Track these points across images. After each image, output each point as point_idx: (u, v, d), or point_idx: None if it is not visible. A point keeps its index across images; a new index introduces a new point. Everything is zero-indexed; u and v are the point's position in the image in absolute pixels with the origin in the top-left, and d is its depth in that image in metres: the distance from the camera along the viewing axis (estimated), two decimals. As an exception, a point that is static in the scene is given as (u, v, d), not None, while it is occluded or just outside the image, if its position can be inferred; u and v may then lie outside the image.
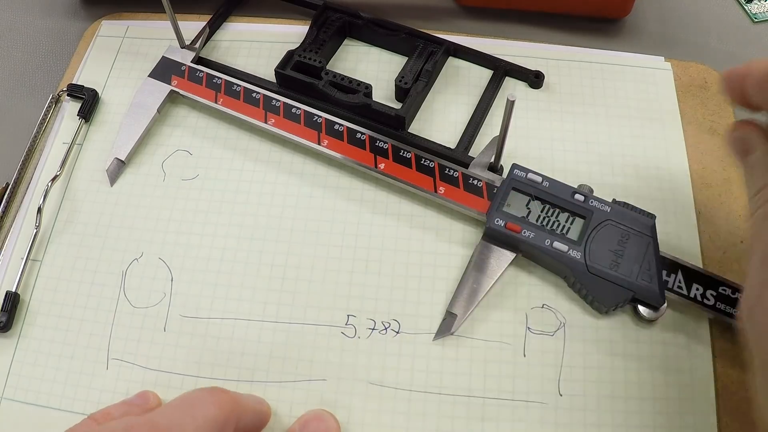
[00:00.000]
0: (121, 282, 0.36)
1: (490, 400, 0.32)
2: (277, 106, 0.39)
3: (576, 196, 0.34)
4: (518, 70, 0.42)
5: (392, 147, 0.37)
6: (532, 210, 0.34)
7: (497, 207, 0.34)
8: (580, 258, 0.33)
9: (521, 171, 0.35)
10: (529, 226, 0.34)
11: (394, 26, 0.43)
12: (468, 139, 0.39)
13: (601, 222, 0.34)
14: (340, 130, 0.38)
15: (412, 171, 0.36)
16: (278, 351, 0.34)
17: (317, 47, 0.41)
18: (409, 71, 0.40)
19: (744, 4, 0.47)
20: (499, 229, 0.34)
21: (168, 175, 0.39)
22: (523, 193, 0.35)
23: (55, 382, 0.33)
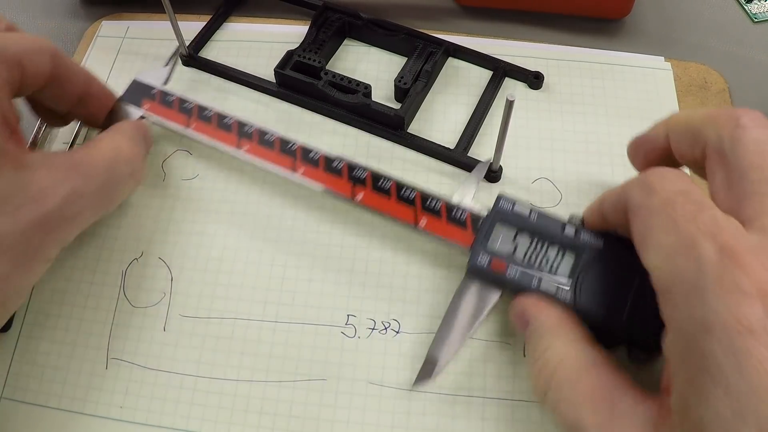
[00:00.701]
0: (121, 282, 0.36)
1: (490, 400, 0.32)
2: (250, 132, 0.37)
3: (566, 230, 0.32)
4: (518, 70, 0.42)
5: (371, 176, 0.35)
6: (519, 245, 0.32)
7: (481, 243, 0.32)
8: (569, 299, 0.30)
9: (507, 203, 0.33)
10: (515, 264, 0.31)
11: (393, 26, 0.43)
12: (467, 140, 0.39)
13: (593, 258, 0.31)
14: (315, 158, 0.36)
15: (392, 201, 0.34)
16: (278, 351, 0.34)
17: (317, 47, 0.42)
18: (408, 71, 0.40)
19: (744, 4, 0.47)
20: (482, 269, 0.31)
21: (168, 175, 0.39)
22: (509, 226, 0.32)
23: (55, 381, 0.33)
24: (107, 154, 0.32)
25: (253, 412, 0.32)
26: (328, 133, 0.40)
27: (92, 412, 0.33)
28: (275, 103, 0.42)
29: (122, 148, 0.33)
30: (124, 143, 0.34)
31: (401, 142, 0.39)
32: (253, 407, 0.32)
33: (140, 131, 0.36)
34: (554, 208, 0.37)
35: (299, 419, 0.32)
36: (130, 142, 0.34)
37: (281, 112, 0.41)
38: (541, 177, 0.39)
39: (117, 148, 0.33)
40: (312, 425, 0.32)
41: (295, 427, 0.32)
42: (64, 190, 0.29)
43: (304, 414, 0.32)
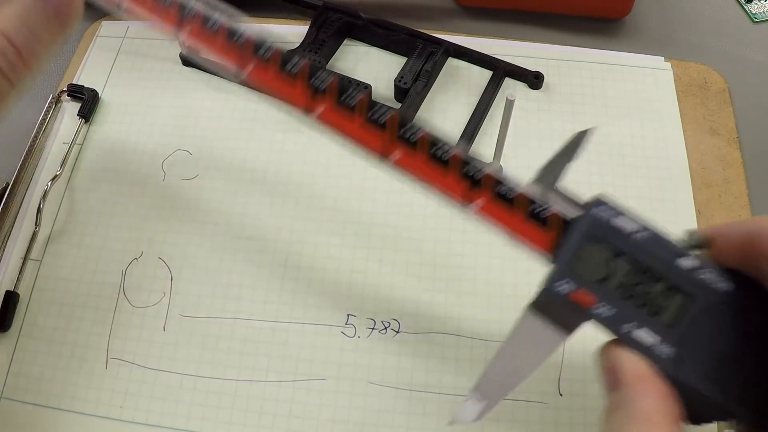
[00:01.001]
0: (120, 282, 0.36)
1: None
2: (192, 14, 0.29)
3: (681, 261, 0.23)
4: (518, 71, 0.42)
5: (426, 136, 0.25)
6: (612, 273, 0.23)
7: (562, 263, 0.23)
8: (668, 358, 0.22)
9: (607, 211, 0.23)
10: (605, 299, 0.23)
11: (393, 26, 0.43)
12: (467, 140, 0.39)
13: (712, 306, 0.22)
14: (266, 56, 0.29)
15: (447, 175, 0.25)
16: (278, 351, 0.34)
17: (317, 47, 0.42)
18: (408, 71, 0.41)
19: (744, 4, 0.47)
20: (561, 298, 0.23)
21: (168, 174, 0.39)
22: (603, 246, 0.23)
23: (55, 381, 0.33)
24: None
25: (253, 412, 0.32)
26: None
27: (92, 412, 0.33)
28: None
29: None
30: None
31: None
32: (253, 407, 0.32)
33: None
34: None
35: (299, 419, 0.32)
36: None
37: (282, 112, 0.41)
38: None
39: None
40: (312, 425, 0.32)
41: (295, 427, 0.32)
42: None
43: (304, 414, 0.32)
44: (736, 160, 0.39)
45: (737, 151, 0.40)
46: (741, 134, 0.40)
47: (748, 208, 0.38)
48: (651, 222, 0.24)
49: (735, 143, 0.40)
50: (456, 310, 0.35)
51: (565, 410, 0.32)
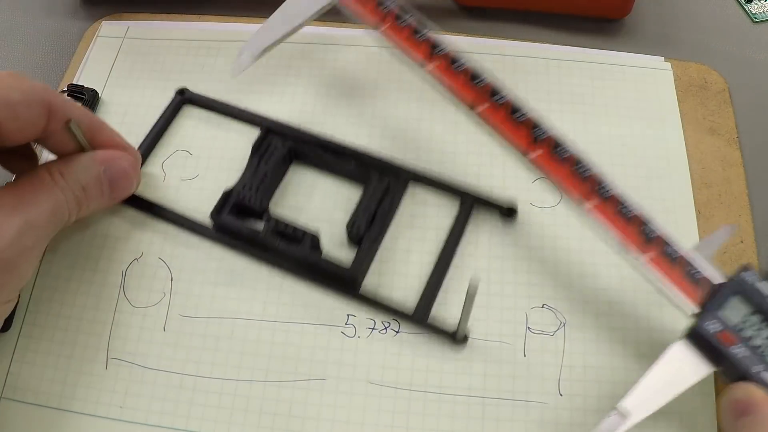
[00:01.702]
0: (121, 282, 0.36)
1: (490, 400, 0.32)
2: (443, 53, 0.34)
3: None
4: (488, 202, 0.37)
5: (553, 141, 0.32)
6: (750, 325, 0.29)
7: (713, 309, 0.29)
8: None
9: (751, 276, 0.30)
10: (742, 343, 0.28)
11: (343, 151, 0.38)
12: (429, 297, 0.34)
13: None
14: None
15: (626, 226, 0.31)
16: (278, 351, 0.34)
17: (258, 182, 0.36)
18: (362, 213, 0.35)
19: (744, 4, 0.47)
20: (708, 335, 0.28)
21: (168, 175, 0.39)
22: (746, 302, 0.29)
23: (55, 381, 0.33)
24: (51, 205, 0.31)
25: (253, 412, 0.32)
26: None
27: (92, 412, 0.33)
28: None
29: (68, 198, 0.32)
30: None
31: (355, 302, 0.34)
32: (253, 407, 0.32)
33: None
34: (554, 208, 0.37)
35: (299, 419, 0.32)
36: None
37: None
38: (542, 177, 0.38)
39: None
40: (312, 425, 0.32)
41: (295, 427, 0.32)
42: (16, 223, 0.29)
43: (304, 414, 0.32)
44: (736, 160, 0.39)
45: (737, 151, 0.40)
46: (741, 134, 0.40)
47: (748, 208, 0.38)
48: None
49: (735, 143, 0.40)
50: (456, 309, 0.35)
51: (565, 410, 0.32)
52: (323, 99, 0.42)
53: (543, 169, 0.32)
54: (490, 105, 0.33)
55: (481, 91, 0.33)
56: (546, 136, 0.33)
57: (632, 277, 0.35)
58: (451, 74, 0.33)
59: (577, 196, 0.32)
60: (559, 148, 0.32)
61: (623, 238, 0.31)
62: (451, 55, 0.34)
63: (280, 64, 0.43)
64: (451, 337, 0.33)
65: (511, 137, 0.32)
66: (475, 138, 0.40)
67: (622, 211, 0.31)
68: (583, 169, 0.32)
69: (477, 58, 0.43)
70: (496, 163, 0.39)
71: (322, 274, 0.35)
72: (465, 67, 0.34)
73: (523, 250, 0.36)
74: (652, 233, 0.31)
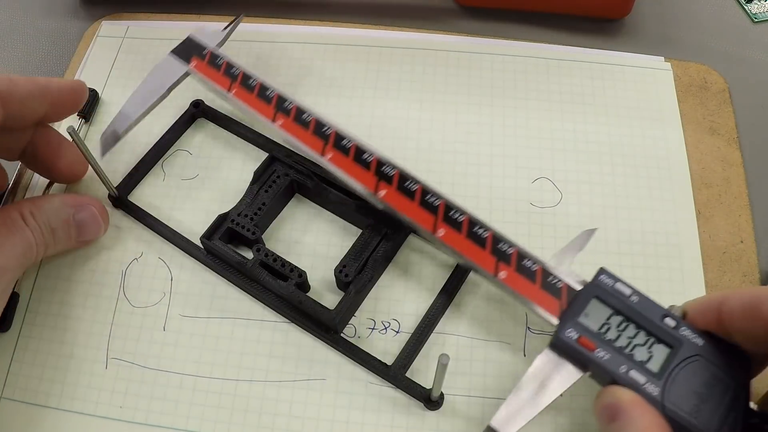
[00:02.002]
0: (121, 282, 0.36)
1: (490, 400, 0.32)
2: (289, 108, 0.36)
3: (666, 319, 0.29)
4: None
5: (399, 174, 0.33)
6: (612, 327, 0.29)
7: (572, 316, 0.29)
8: (657, 395, 0.27)
9: (608, 278, 0.30)
10: (605, 346, 0.28)
11: (346, 193, 0.36)
12: (410, 353, 0.33)
13: (690, 356, 0.28)
14: (348, 146, 0.34)
15: (484, 251, 0.31)
16: (278, 350, 0.34)
17: (255, 210, 0.35)
18: (352, 258, 0.34)
19: (744, 4, 0.47)
20: (569, 343, 0.29)
21: (168, 174, 0.39)
22: (605, 305, 0.30)
23: (55, 381, 0.33)
24: (23, 246, 0.31)
25: (253, 412, 0.32)
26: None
27: (92, 412, 0.33)
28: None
29: (38, 239, 0.32)
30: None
31: (334, 347, 0.34)
32: (253, 407, 0.32)
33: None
34: (554, 208, 0.37)
35: (299, 419, 0.32)
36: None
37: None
38: (541, 177, 0.39)
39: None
40: (312, 425, 0.32)
41: (295, 427, 0.32)
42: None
43: (304, 414, 0.32)
44: (736, 160, 0.39)
45: (737, 151, 0.40)
46: (741, 134, 0.40)
47: (748, 208, 0.38)
48: (640, 290, 0.30)
49: (735, 143, 0.40)
50: (455, 309, 0.35)
51: (565, 410, 0.32)
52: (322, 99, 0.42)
53: (392, 206, 0.33)
54: (337, 152, 0.34)
55: (328, 139, 0.35)
56: (394, 173, 0.33)
57: (632, 273, 0.36)
58: (297, 128, 0.35)
59: (428, 228, 0.32)
60: (407, 183, 0.33)
61: (476, 259, 0.31)
62: (296, 109, 0.36)
63: (280, 64, 0.43)
64: (425, 399, 0.32)
65: (360, 178, 0.34)
66: (476, 138, 0.40)
67: (476, 232, 0.32)
68: (433, 198, 0.33)
69: (477, 58, 0.43)
70: (496, 163, 0.39)
71: (305, 315, 0.34)
72: (311, 118, 0.35)
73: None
74: (508, 250, 0.31)
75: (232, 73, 0.38)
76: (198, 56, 0.39)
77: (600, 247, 0.36)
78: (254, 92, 0.37)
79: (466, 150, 0.40)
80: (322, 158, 0.34)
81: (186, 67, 0.38)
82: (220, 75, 0.38)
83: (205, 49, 0.39)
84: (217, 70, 0.38)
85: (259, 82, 0.37)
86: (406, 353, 0.33)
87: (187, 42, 0.39)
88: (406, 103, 0.42)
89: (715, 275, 0.36)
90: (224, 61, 0.38)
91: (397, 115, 0.41)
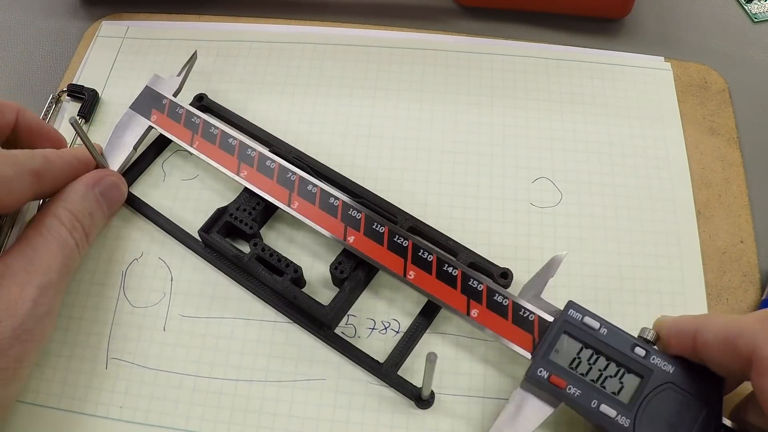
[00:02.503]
0: (121, 282, 0.36)
1: (490, 400, 0.32)
2: (252, 156, 0.36)
3: (636, 349, 0.29)
4: (482, 264, 0.34)
5: (366, 217, 0.33)
6: (582, 361, 0.30)
7: (543, 354, 0.30)
8: (628, 426, 0.28)
9: (577, 312, 0.31)
10: (576, 381, 0.29)
11: (344, 191, 0.37)
12: (402, 352, 0.33)
13: (660, 384, 0.29)
14: (313, 191, 0.35)
15: (440, 285, 0.32)
16: (278, 351, 0.34)
17: (255, 204, 0.35)
18: (348, 256, 0.34)
19: (744, 4, 0.47)
20: (542, 381, 0.30)
21: (168, 174, 0.39)
22: (575, 339, 0.30)
23: (55, 381, 0.33)
24: (57, 240, 0.31)
25: (253, 412, 0.32)
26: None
27: (92, 412, 0.33)
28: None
29: (67, 226, 0.32)
30: (66, 216, 0.32)
31: (328, 343, 0.34)
32: (253, 407, 0.32)
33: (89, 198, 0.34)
34: (554, 208, 0.37)
35: (299, 419, 0.32)
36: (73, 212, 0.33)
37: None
38: (541, 177, 0.39)
39: (62, 226, 0.32)
40: (312, 425, 0.32)
41: (295, 427, 0.32)
42: (31, 290, 0.29)
43: (304, 414, 0.32)
44: (736, 160, 0.39)
45: (737, 151, 0.40)
46: (741, 134, 0.40)
47: (748, 209, 0.38)
48: (608, 321, 0.30)
49: (735, 143, 0.40)
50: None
51: (565, 410, 0.32)
52: (323, 99, 0.42)
53: (362, 252, 0.33)
54: (302, 200, 0.35)
55: (293, 186, 0.35)
56: (360, 216, 0.34)
57: (632, 273, 0.36)
58: (262, 179, 0.36)
59: (398, 272, 0.33)
60: (375, 225, 0.34)
61: (448, 300, 0.32)
62: (259, 155, 0.36)
63: (280, 64, 0.43)
64: (416, 397, 0.32)
65: (328, 227, 0.34)
66: (476, 138, 0.40)
67: (446, 271, 0.32)
68: (400, 240, 0.33)
69: (477, 58, 0.43)
70: (496, 163, 0.39)
71: (299, 310, 0.34)
72: (275, 165, 0.36)
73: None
74: (478, 287, 0.32)
75: (192, 122, 0.38)
76: (157, 108, 0.39)
77: (600, 248, 0.36)
78: (216, 142, 0.37)
79: (466, 150, 0.40)
80: (289, 208, 0.35)
81: (147, 122, 0.38)
82: (181, 127, 0.38)
83: (164, 99, 0.39)
84: (177, 121, 0.38)
85: (220, 130, 0.37)
86: (399, 351, 0.33)
87: (145, 93, 0.39)
88: (406, 103, 0.42)
89: (715, 275, 0.36)
90: (183, 110, 0.38)
91: (397, 115, 0.41)
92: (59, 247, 0.31)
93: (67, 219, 0.32)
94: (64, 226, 0.31)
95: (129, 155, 0.38)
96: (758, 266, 0.36)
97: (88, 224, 0.33)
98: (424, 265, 0.33)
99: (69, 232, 0.32)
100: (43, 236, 0.31)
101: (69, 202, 0.33)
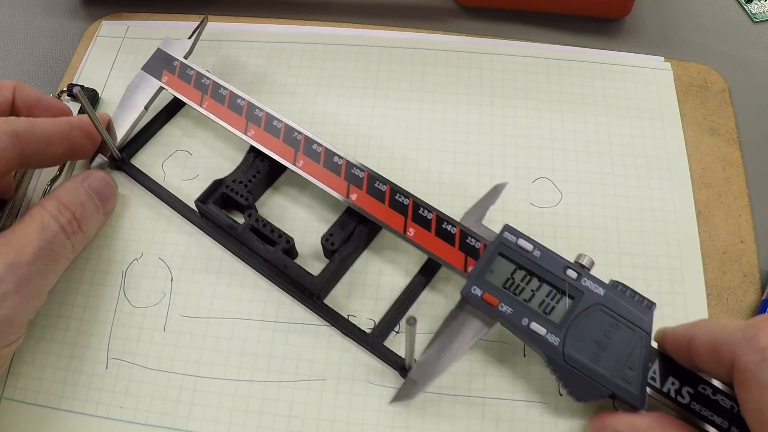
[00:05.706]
0: (121, 282, 0.36)
1: (490, 400, 0.32)
2: (260, 116, 0.37)
3: (568, 271, 0.31)
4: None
5: (368, 176, 0.34)
6: (516, 281, 0.31)
7: (477, 274, 0.31)
8: (557, 344, 0.29)
9: (512, 235, 0.32)
10: (508, 300, 0.30)
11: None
12: (389, 323, 0.33)
13: (590, 306, 0.30)
14: (318, 150, 0.35)
15: (439, 242, 0.33)
16: (278, 351, 0.34)
17: (251, 177, 0.36)
18: (339, 227, 0.34)
19: (744, 4, 0.47)
20: (475, 299, 0.31)
21: (168, 175, 0.39)
22: (509, 260, 0.31)
23: (55, 381, 0.33)
24: (37, 223, 0.32)
25: (253, 412, 0.32)
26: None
27: (92, 412, 0.33)
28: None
29: (51, 211, 0.32)
30: (53, 207, 0.33)
31: (316, 311, 0.34)
32: (253, 407, 0.32)
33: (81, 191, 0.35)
34: (554, 208, 0.37)
35: (299, 419, 0.32)
36: (62, 205, 0.33)
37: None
38: (541, 177, 0.39)
39: (45, 216, 0.32)
40: (312, 425, 0.32)
41: (295, 427, 0.32)
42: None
43: (304, 414, 0.32)
44: (736, 160, 0.39)
45: (737, 151, 0.40)
46: (741, 134, 0.40)
47: (748, 209, 0.38)
48: (542, 243, 0.32)
49: (735, 143, 0.40)
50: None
51: (565, 410, 0.32)
52: (323, 98, 0.42)
53: (364, 209, 0.34)
54: (307, 158, 0.35)
55: (298, 145, 0.36)
56: (363, 175, 0.35)
57: (632, 273, 0.36)
58: (269, 138, 0.36)
59: (398, 228, 0.33)
60: (377, 183, 0.35)
61: (446, 257, 0.32)
62: (267, 115, 0.37)
63: (280, 64, 0.43)
64: (401, 368, 0.32)
65: (332, 185, 0.35)
66: (476, 138, 0.40)
67: (444, 229, 0.33)
68: (401, 198, 0.34)
69: (477, 58, 0.43)
70: (496, 163, 0.39)
71: (290, 280, 0.34)
72: (281, 124, 0.37)
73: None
74: (476, 243, 0.33)
75: (202, 83, 0.39)
76: (168, 70, 0.39)
77: (600, 247, 0.36)
78: (225, 102, 0.38)
79: (466, 150, 0.40)
80: (295, 167, 0.35)
81: (159, 83, 0.39)
82: (191, 88, 0.39)
83: (175, 61, 0.40)
84: (188, 82, 0.39)
85: (229, 90, 0.38)
86: (385, 322, 0.33)
87: (156, 55, 0.40)
88: (406, 103, 0.42)
89: (715, 275, 0.36)
90: (194, 72, 0.39)
91: (397, 115, 0.41)
92: (38, 229, 0.31)
93: (51, 206, 0.32)
94: (46, 211, 0.32)
95: (140, 114, 0.39)
96: (758, 266, 0.36)
97: (80, 213, 0.33)
98: (423, 223, 0.33)
99: (52, 217, 0.32)
100: (24, 221, 0.32)
101: (56, 194, 0.33)
